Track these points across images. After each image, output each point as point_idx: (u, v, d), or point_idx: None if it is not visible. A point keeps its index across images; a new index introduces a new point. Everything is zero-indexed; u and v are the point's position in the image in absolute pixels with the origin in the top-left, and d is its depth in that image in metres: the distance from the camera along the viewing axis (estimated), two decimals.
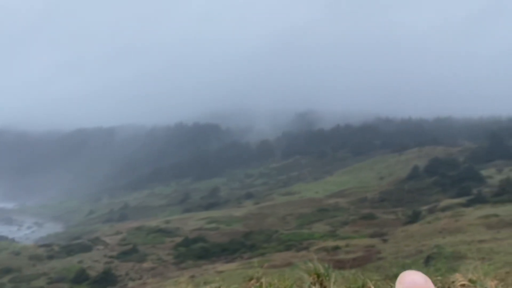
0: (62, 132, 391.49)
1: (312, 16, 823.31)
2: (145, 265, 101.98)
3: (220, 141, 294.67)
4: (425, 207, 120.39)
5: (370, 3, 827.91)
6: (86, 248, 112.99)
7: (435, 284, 7.09)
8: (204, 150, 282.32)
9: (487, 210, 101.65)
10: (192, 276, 77.61)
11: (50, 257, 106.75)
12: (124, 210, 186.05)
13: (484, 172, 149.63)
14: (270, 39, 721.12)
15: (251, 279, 11.95)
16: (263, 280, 11.40)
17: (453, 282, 6.39)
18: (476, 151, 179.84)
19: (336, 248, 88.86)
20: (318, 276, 9.52)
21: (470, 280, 6.32)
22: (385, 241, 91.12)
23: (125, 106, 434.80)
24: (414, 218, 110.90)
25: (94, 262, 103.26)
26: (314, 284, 9.25)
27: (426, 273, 7.47)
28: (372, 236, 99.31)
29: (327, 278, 9.38)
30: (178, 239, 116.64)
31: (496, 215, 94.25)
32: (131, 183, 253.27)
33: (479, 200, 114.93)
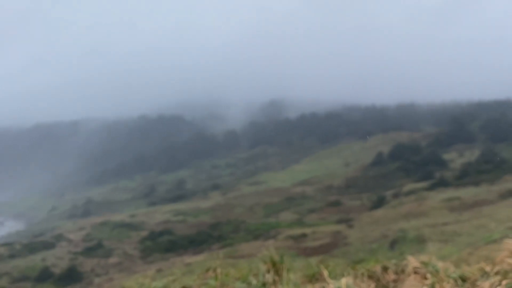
0: (20, 128, 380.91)
1: (279, 6, 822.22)
2: (111, 260, 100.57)
3: (185, 133, 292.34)
4: (389, 192, 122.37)
5: None
6: (49, 246, 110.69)
7: (389, 268, 6.82)
8: (169, 142, 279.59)
9: (450, 193, 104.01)
10: (159, 270, 76.71)
11: (12, 256, 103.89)
12: (88, 205, 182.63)
13: (446, 156, 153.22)
14: (235, 29, 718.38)
15: (208, 270, 11.65)
16: (218, 270, 11.05)
17: (406, 265, 6.14)
18: (438, 136, 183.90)
19: (303, 235, 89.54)
20: (274, 264, 9.09)
21: (422, 262, 6.12)
22: (351, 226, 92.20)
23: (86, 99, 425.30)
24: (379, 203, 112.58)
25: (57, 259, 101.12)
26: (269, 272, 8.81)
27: (391, 257, 7.20)
28: (338, 222, 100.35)
29: (282, 266, 8.94)
30: (144, 233, 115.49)
31: (458, 198, 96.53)
32: (94, 178, 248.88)
33: (442, 183, 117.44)
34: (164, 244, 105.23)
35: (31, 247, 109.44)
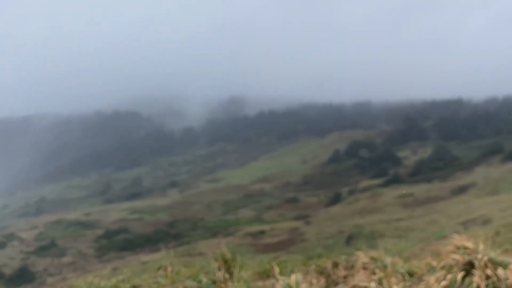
0: None
1: (239, 3, 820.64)
2: (65, 259, 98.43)
3: (142, 129, 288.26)
4: (345, 189, 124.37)
5: None
6: None
7: (340, 264, 6.84)
8: (125, 138, 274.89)
9: (403, 189, 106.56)
10: (115, 268, 75.25)
11: None
12: (41, 203, 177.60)
13: (400, 154, 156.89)
14: (194, 25, 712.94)
15: (159, 268, 11.39)
16: (169, 269, 10.80)
17: (356, 260, 6.18)
18: (392, 134, 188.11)
19: (262, 232, 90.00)
20: (225, 261, 8.97)
21: (372, 258, 6.20)
22: (308, 223, 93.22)
23: (39, 94, 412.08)
24: (335, 199, 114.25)
25: (9, 259, 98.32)
26: (220, 270, 8.68)
27: (347, 253, 7.31)
28: (296, 219, 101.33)
29: (234, 263, 8.83)
30: (100, 232, 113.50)
31: (411, 194, 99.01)
32: (47, 175, 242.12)
33: (396, 180, 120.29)
34: (120, 243, 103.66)
35: None
